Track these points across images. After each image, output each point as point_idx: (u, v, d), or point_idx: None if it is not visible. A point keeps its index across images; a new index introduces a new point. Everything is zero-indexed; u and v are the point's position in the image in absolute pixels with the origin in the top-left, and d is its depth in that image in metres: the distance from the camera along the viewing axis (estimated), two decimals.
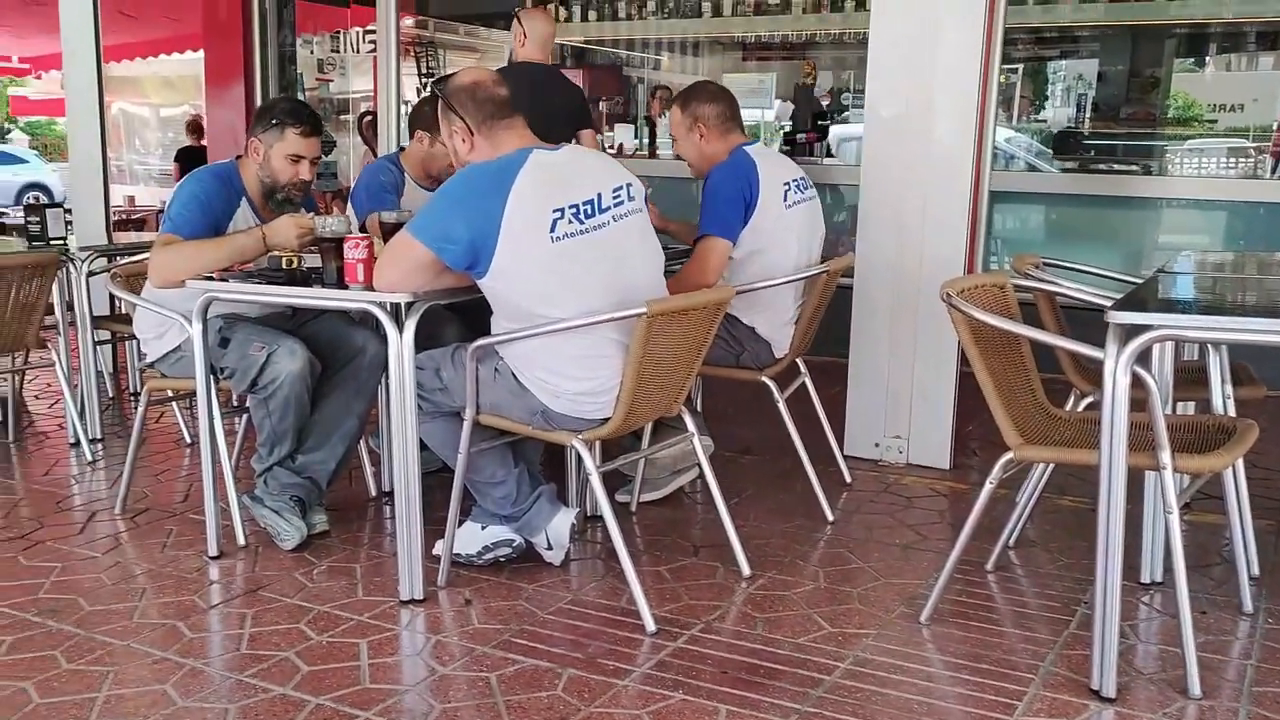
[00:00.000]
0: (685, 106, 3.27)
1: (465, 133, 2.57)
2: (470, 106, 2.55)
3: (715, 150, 3.25)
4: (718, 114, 3.25)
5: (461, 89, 2.58)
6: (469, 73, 2.68)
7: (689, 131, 3.28)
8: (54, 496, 3.59)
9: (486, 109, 2.55)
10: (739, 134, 3.29)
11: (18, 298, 3.76)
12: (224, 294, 2.86)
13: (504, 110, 2.56)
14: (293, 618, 2.59)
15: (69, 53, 5.08)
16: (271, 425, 3.02)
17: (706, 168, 3.25)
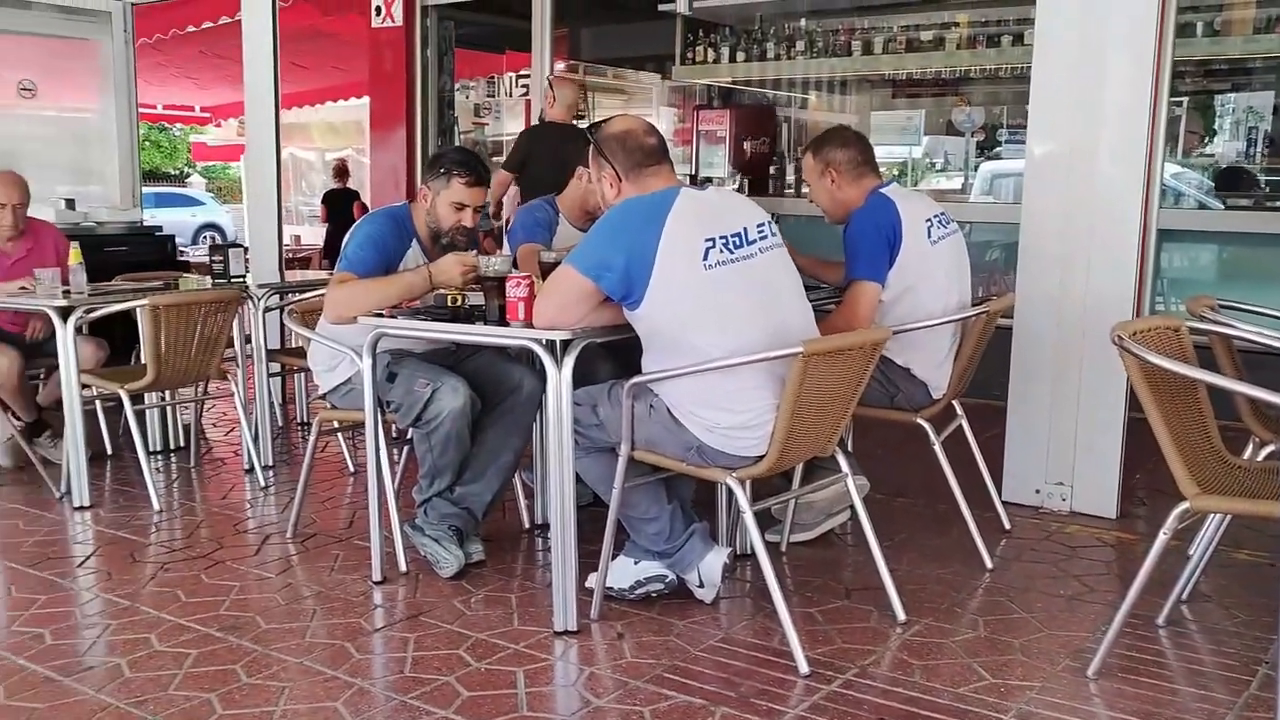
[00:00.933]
0: (817, 152, 3.29)
1: (613, 179, 2.69)
2: (620, 154, 2.68)
3: (848, 196, 3.25)
4: (849, 159, 3.25)
5: (612, 137, 2.71)
6: (620, 121, 2.80)
7: (820, 177, 3.29)
8: (231, 519, 3.80)
9: (635, 157, 2.67)
10: (873, 177, 3.28)
11: (203, 332, 4.01)
12: (392, 330, 2.99)
13: (652, 158, 2.68)
14: (452, 644, 2.67)
15: (251, 101, 5.43)
16: (433, 458, 3.13)
17: (839, 213, 3.27)
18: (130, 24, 6.17)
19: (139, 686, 2.45)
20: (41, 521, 3.75)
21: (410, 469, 3.68)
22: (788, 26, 6.67)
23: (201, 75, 10.37)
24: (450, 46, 7.04)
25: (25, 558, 3.36)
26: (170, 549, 3.47)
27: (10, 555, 3.40)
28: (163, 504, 3.92)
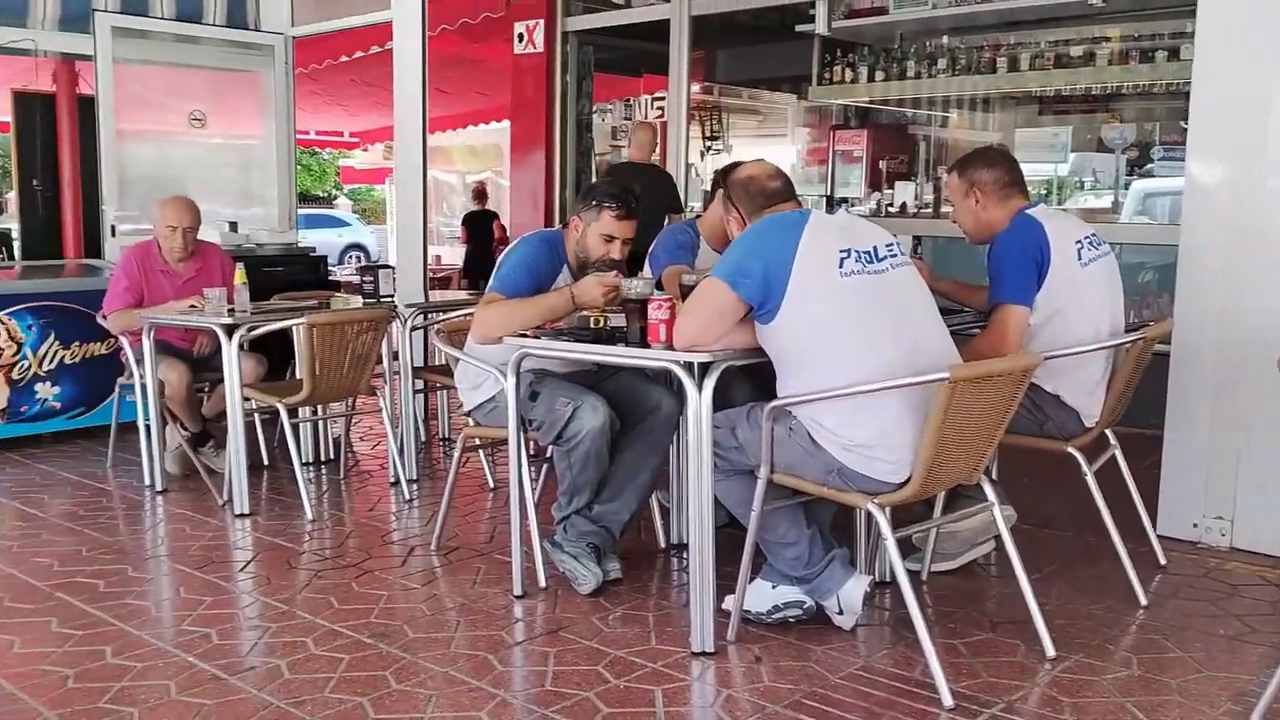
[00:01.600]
0: (963, 172, 3.23)
1: (739, 221, 2.85)
2: (743, 199, 2.85)
3: (993, 217, 3.18)
4: (996, 179, 3.18)
5: (737, 183, 2.88)
6: (748, 167, 2.97)
7: (965, 197, 3.23)
8: (378, 530, 3.94)
9: (758, 201, 2.82)
10: (1020, 198, 3.20)
11: (355, 350, 4.19)
12: (535, 350, 3.07)
13: (775, 199, 2.82)
14: (591, 660, 2.71)
15: (400, 126, 5.64)
16: (572, 476, 3.19)
17: (983, 234, 3.20)
18: (290, 56, 6.50)
19: (297, 688, 2.57)
20: (206, 527, 3.96)
21: (550, 486, 3.76)
22: (929, 44, 6.56)
23: (351, 102, 10.83)
24: (589, 71, 7.19)
25: (192, 561, 3.56)
26: (322, 557, 3.62)
27: (179, 558, 3.61)
28: (315, 513, 4.10)
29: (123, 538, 3.89)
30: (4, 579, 3.40)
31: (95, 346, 5.31)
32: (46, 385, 5.22)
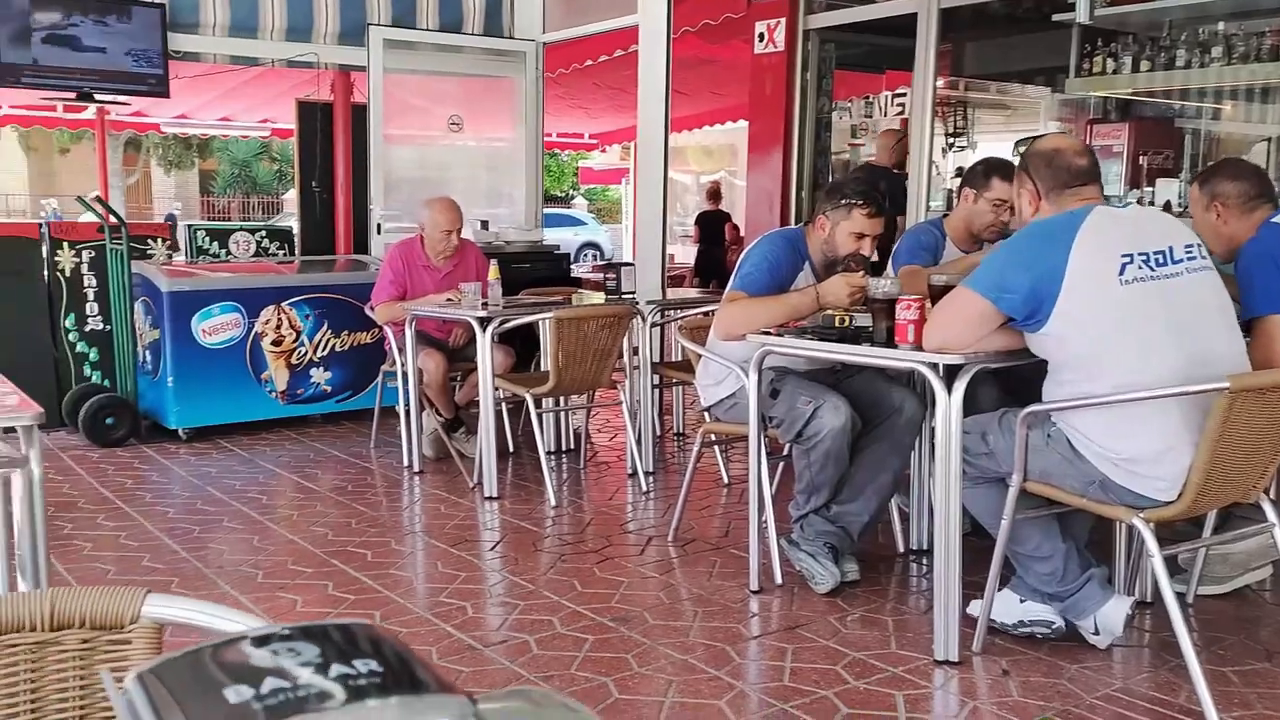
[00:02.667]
0: (1204, 184, 3.03)
1: (1033, 196, 2.62)
2: (1044, 172, 2.60)
3: (1235, 230, 2.96)
4: (1240, 193, 2.95)
5: (1039, 154, 2.64)
6: (1053, 139, 2.74)
7: (1205, 211, 3.02)
8: (617, 520, 4.07)
9: (1061, 177, 2.58)
10: (1267, 208, 2.95)
11: (598, 344, 4.34)
12: (779, 348, 3.08)
13: (1078, 179, 2.58)
14: (829, 659, 2.71)
15: (643, 128, 5.79)
16: (811, 475, 3.19)
17: (1223, 248, 2.99)
18: (541, 61, 6.79)
19: (545, 663, 2.70)
20: (458, 508, 4.21)
21: (786, 483, 3.77)
22: (1202, 31, 6.10)
23: (592, 105, 11.17)
24: (829, 69, 7.12)
25: (447, 538, 3.80)
26: (565, 541, 3.78)
27: (435, 535, 3.86)
28: (557, 500, 4.27)
29: (385, 513, 4.19)
30: (286, 544, 3.74)
31: (362, 336, 5.74)
32: (320, 370, 5.69)
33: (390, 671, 0.41)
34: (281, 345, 5.55)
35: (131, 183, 22.65)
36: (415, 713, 0.39)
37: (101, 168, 6.89)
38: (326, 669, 0.41)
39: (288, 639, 0.43)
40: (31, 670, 0.96)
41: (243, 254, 6.25)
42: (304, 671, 0.41)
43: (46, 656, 0.97)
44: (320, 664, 0.41)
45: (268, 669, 0.41)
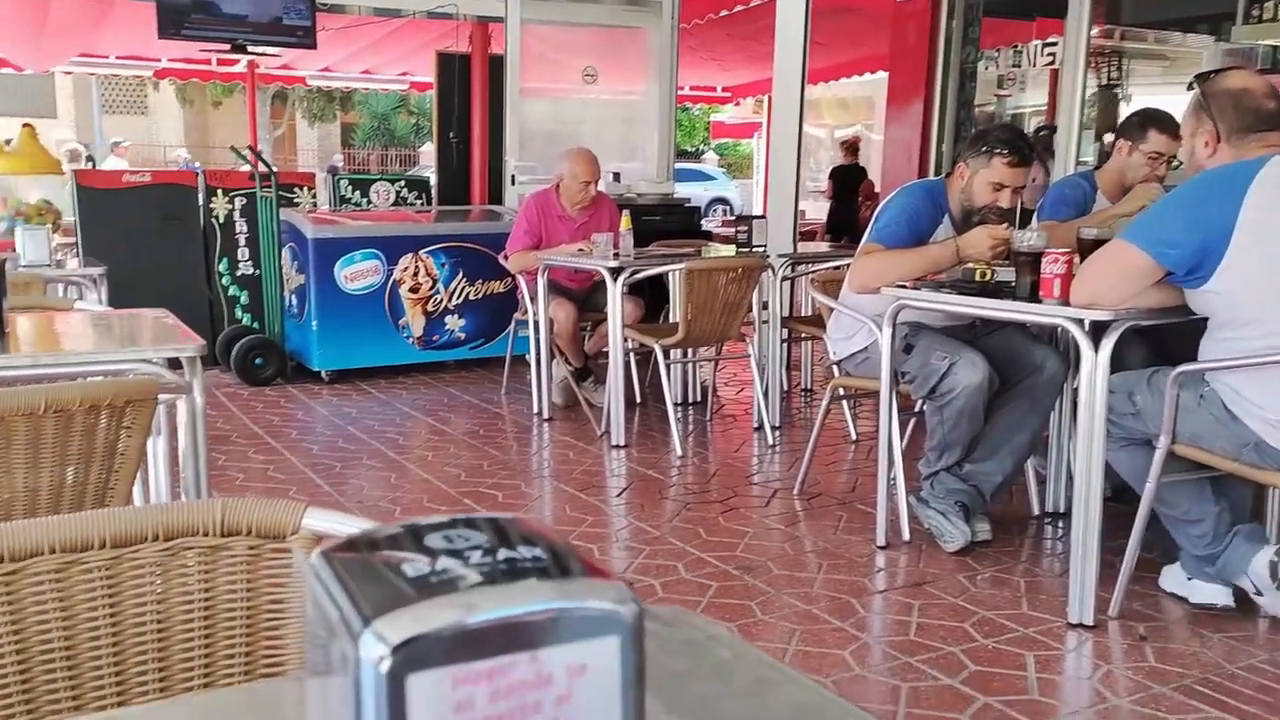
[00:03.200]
0: None
1: (1211, 137, 2.46)
2: (1229, 113, 2.43)
3: None
4: None
5: (1225, 92, 2.46)
6: (1238, 77, 2.53)
7: None
8: (742, 472, 4.08)
9: (1246, 120, 2.41)
10: None
11: (728, 296, 4.32)
12: (914, 301, 3.02)
13: (1265, 123, 2.41)
14: (957, 617, 2.67)
15: (780, 79, 5.68)
16: (944, 432, 3.12)
17: None
18: (676, 12, 6.74)
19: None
20: (586, 455, 4.28)
21: (916, 440, 3.71)
22: None
23: (725, 58, 11.03)
24: (976, 16, 6.87)
25: (575, 484, 3.87)
26: (690, 490, 3.81)
27: (563, 480, 3.94)
28: (683, 450, 4.30)
29: (515, 458, 4.29)
30: (421, 482, 3.88)
31: (495, 285, 5.86)
32: (454, 318, 5.83)
33: (554, 557, 0.43)
34: (418, 292, 5.71)
35: (278, 135, 23.54)
36: (580, 592, 0.40)
37: (251, 120, 7.16)
38: (495, 551, 0.43)
39: (456, 526, 0.45)
40: (204, 572, 1.03)
41: (383, 203, 6.44)
42: (474, 553, 0.42)
43: (218, 561, 1.04)
44: (489, 547, 0.43)
45: (441, 549, 0.43)
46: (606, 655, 0.42)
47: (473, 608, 0.40)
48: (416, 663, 0.39)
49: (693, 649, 0.79)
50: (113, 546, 0.99)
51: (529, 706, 0.40)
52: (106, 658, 0.98)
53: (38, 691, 0.94)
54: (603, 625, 0.42)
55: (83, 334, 2.53)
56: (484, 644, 0.40)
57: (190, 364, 2.13)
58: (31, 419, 1.69)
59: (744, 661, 0.78)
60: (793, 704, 0.71)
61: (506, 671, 0.40)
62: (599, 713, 0.42)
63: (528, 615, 0.41)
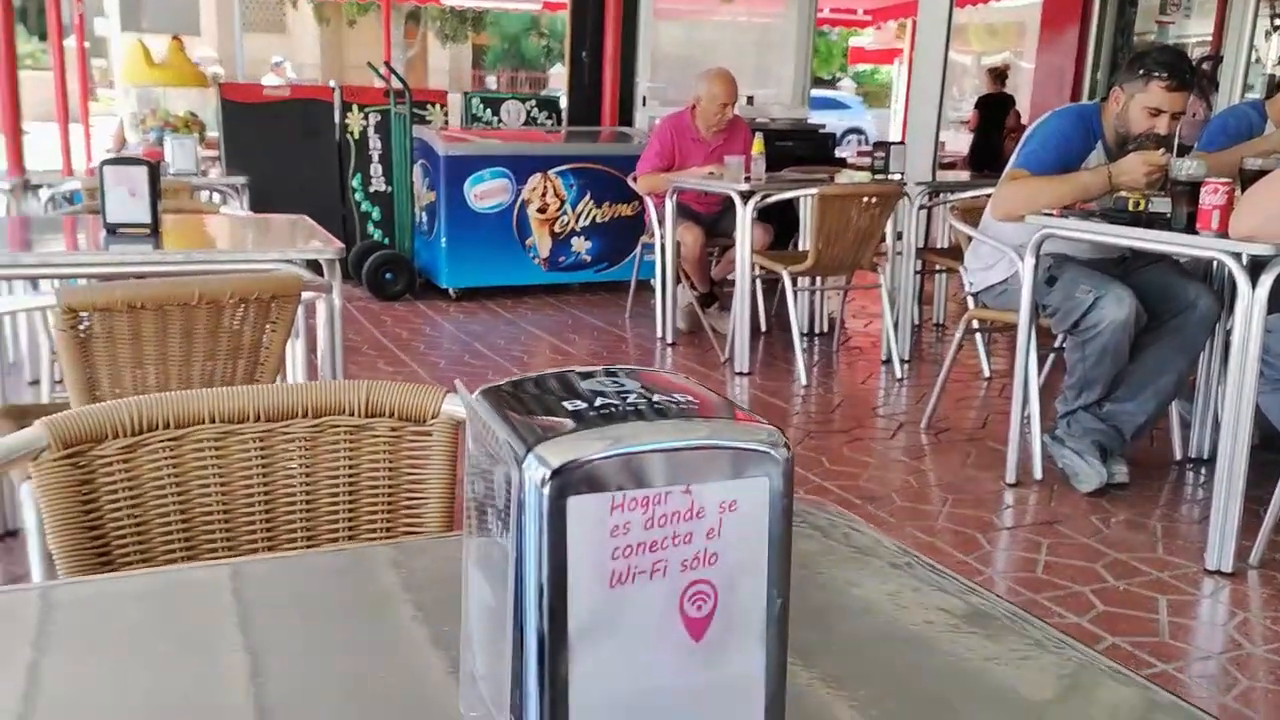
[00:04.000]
0: None
1: None
2: None
3: None
4: None
5: None
6: None
7: None
8: (867, 403, 4.02)
9: None
10: None
11: (860, 224, 4.22)
12: (1060, 231, 2.89)
13: None
14: (1088, 557, 2.59)
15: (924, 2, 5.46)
16: (1084, 369, 3.01)
17: None
18: None
19: None
20: (708, 380, 4.28)
21: (1053, 378, 3.59)
22: None
23: None
24: None
25: None
26: (813, 419, 3.78)
27: None
28: (808, 379, 4.26)
29: None
30: None
31: (622, 208, 5.86)
32: (580, 240, 5.86)
33: (704, 403, 0.42)
34: (546, 213, 5.75)
35: (410, 56, 23.83)
36: (734, 432, 0.40)
37: (385, 38, 7.26)
38: (650, 394, 0.42)
39: (608, 374, 0.45)
40: (350, 450, 1.07)
41: (513, 122, 6.47)
42: (630, 395, 0.42)
43: (361, 440, 1.07)
44: (643, 391, 0.42)
45: (597, 390, 0.43)
46: (756, 494, 0.41)
47: (631, 438, 0.40)
48: (576, 486, 0.39)
49: (827, 533, 0.78)
50: (266, 420, 1.03)
51: (680, 537, 0.40)
52: (260, 520, 1.03)
53: (197, 541, 0.99)
54: (755, 465, 0.41)
55: (230, 235, 2.62)
56: (640, 474, 0.39)
57: (330, 266, 2.19)
58: (185, 309, 1.76)
59: (881, 548, 0.76)
60: (926, 585, 0.69)
61: (661, 501, 0.39)
62: (747, 548, 0.41)
63: (683, 449, 0.40)
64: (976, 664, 0.58)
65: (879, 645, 0.60)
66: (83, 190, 3.70)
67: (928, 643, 0.60)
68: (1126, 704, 0.55)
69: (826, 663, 0.57)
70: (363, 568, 0.69)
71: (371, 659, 0.56)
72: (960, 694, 0.56)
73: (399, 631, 0.58)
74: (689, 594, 0.40)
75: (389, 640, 0.57)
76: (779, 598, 0.42)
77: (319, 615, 0.61)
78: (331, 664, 0.56)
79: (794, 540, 0.77)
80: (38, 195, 4.08)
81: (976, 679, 0.57)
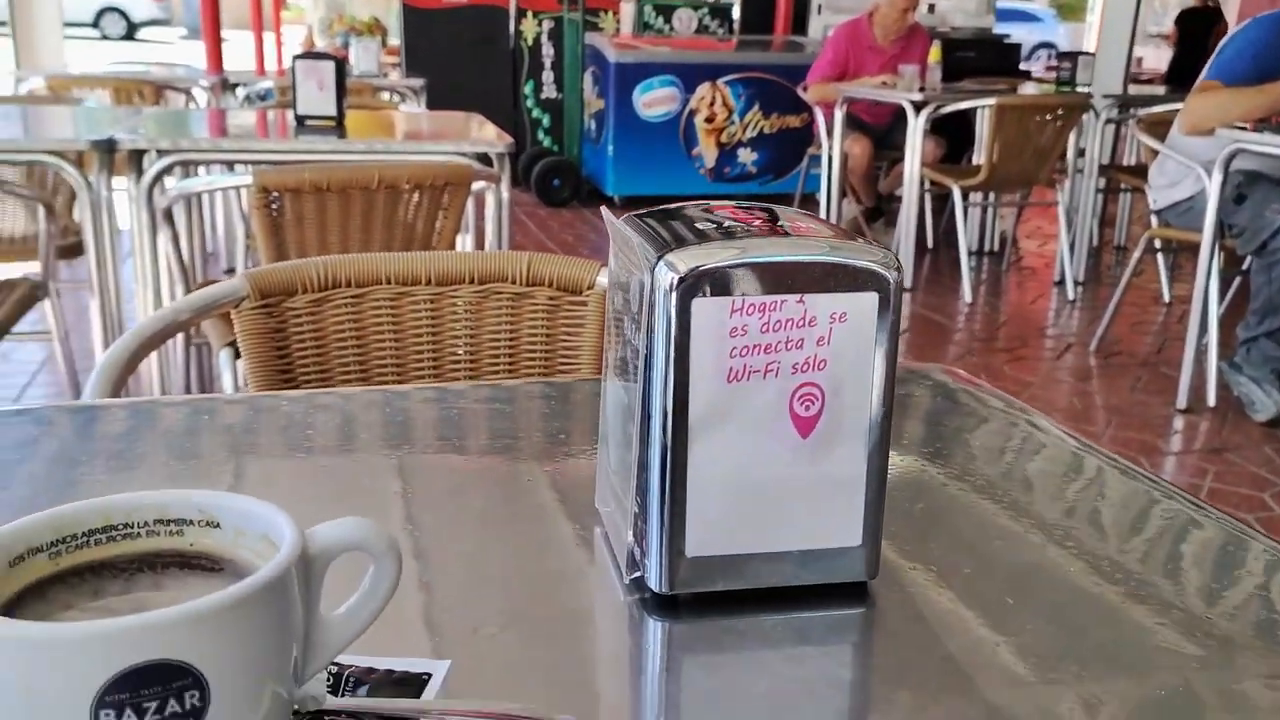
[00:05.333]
0: None
1: None
2: None
3: None
4: None
5: None
6: None
7: None
8: (1035, 324, 3.91)
9: None
10: None
11: (1039, 138, 4.05)
12: (1252, 146, 2.72)
13: None
14: (1255, 486, 2.49)
15: None
16: (1270, 293, 2.85)
17: None
18: None
19: None
20: None
21: (1236, 306, 3.40)
22: None
23: None
24: None
25: None
26: (976, 337, 3.70)
27: None
28: (973, 297, 4.16)
29: None
30: None
31: (790, 119, 5.78)
32: (747, 151, 5.82)
33: (826, 227, 0.45)
34: (713, 122, 5.73)
35: None
36: (848, 249, 0.43)
37: None
38: (775, 218, 0.46)
39: (741, 206, 0.49)
40: (511, 316, 1.14)
41: (685, 30, 6.43)
42: (757, 221, 0.46)
43: (522, 307, 1.14)
44: (770, 216, 0.46)
45: (728, 215, 0.46)
46: (865, 308, 0.45)
47: (752, 250, 0.44)
48: (700, 290, 0.43)
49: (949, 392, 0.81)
50: (436, 284, 1.12)
51: (792, 341, 0.44)
52: (429, 378, 1.12)
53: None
54: (866, 281, 0.45)
55: (407, 128, 2.75)
56: (759, 282, 0.43)
57: (499, 159, 2.27)
58: (366, 193, 1.88)
59: (998, 402, 0.78)
60: (1036, 437, 0.71)
61: (777, 307, 0.43)
62: (854, 357, 0.45)
63: (799, 262, 0.44)
64: (1063, 507, 0.60)
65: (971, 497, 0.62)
66: (274, 88, 3.92)
67: (1031, 490, 0.62)
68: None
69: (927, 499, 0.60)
70: (517, 399, 0.76)
71: (518, 467, 0.62)
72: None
73: (540, 452, 0.64)
74: (798, 394, 0.44)
75: (532, 459, 0.64)
76: (882, 406, 0.46)
77: (469, 442, 0.68)
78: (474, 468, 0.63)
79: (916, 396, 0.80)
80: (234, 93, 4.35)
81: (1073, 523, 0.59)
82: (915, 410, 0.78)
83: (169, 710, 0.27)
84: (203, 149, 2.20)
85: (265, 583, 0.29)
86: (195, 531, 0.33)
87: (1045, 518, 0.59)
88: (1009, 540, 0.56)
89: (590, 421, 0.69)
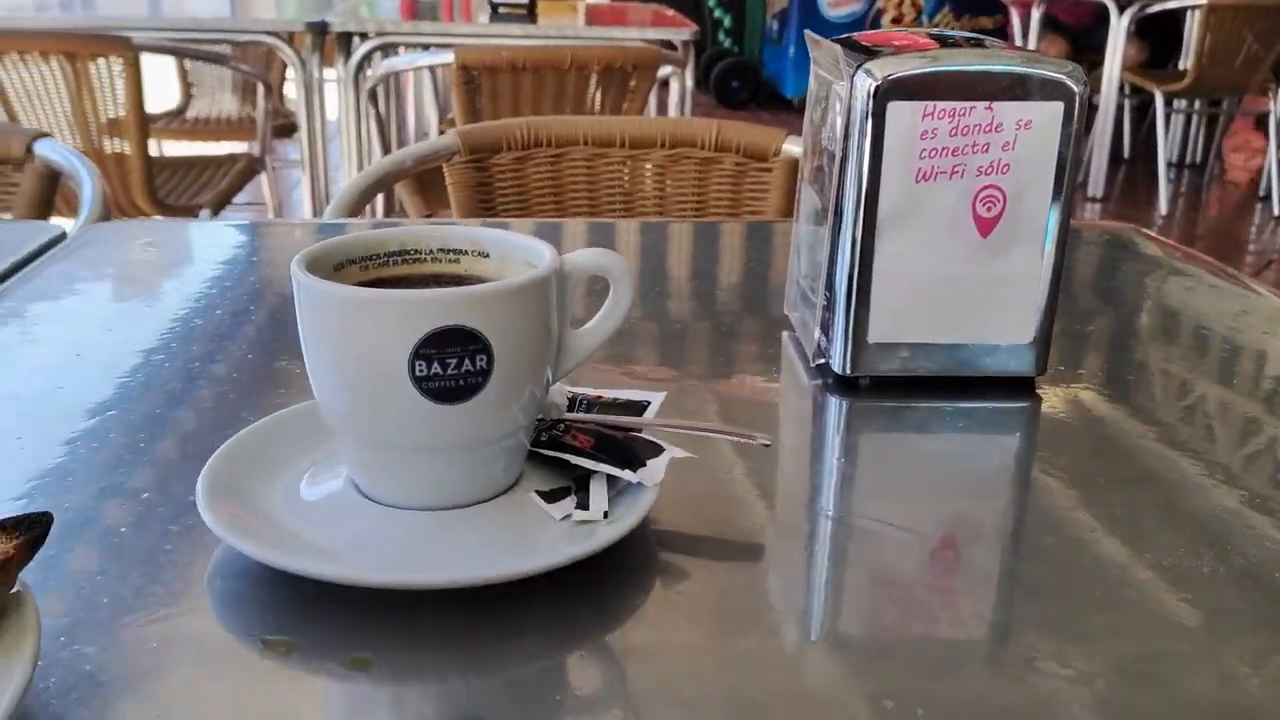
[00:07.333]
0: None
1: None
2: None
3: None
4: None
5: None
6: None
7: None
8: (1235, 238, 3.73)
9: None
10: None
11: (1253, 40, 3.77)
12: None
13: None
14: None
15: None
16: None
17: None
18: None
19: None
20: None
21: None
22: None
23: None
24: None
25: None
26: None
27: None
28: (1169, 210, 3.96)
29: None
30: None
31: (983, 20, 5.52)
32: None
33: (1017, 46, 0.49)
34: (901, 23, 5.54)
35: None
36: (1036, 61, 0.47)
37: None
38: (970, 37, 0.49)
39: (937, 31, 0.52)
40: (698, 179, 1.20)
41: None
42: (953, 36, 0.49)
43: (710, 172, 1.20)
44: (965, 33, 0.50)
45: (924, 33, 0.50)
46: (1050, 117, 0.48)
47: (945, 60, 0.48)
48: (895, 94, 0.48)
49: (1132, 247, 0.82)
50: (630, 147, 1.18)
51: (979, 146, 0.48)
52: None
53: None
54: (1052, 91, 0.48)
55: (595, 15, 2.81)
56: (950, 89, 0.48)
57: (685, 47, 2.31)
58: (558, 74, 1.95)
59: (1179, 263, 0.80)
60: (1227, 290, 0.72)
61: (966, 113, 0.47)
62: (1036, 163, 0.49)
63: (989, 71, 0.48)
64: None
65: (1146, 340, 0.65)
66: None
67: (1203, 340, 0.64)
68: None
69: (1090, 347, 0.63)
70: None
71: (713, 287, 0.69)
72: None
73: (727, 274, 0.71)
74: (981, 196, 0.49)
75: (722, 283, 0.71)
76: (1061, 212, 0.49)
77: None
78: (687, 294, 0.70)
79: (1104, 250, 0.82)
80: None
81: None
82: (1100, 261, 0.80)
83: (464, 368, 0.35)
84: (405, 32, 2.32)
85: (536, 278, 0.37)
86: (469, 260, 0.40)
87: (1218, 353, 0.62)
88: (1185, 362, 0.60)
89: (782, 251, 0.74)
